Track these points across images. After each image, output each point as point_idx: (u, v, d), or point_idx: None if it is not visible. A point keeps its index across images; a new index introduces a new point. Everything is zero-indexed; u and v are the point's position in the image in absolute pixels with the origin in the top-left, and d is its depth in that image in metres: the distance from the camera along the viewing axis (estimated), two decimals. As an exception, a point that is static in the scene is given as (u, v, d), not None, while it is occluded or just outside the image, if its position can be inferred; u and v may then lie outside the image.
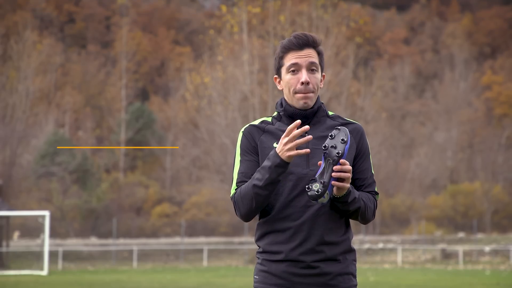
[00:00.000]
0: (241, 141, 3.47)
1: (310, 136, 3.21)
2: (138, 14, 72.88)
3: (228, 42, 42.48)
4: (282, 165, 3.24)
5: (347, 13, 44.26)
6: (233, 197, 3.40)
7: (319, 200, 3.20)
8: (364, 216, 3.42)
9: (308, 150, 3.21)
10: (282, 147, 3.22)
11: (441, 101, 61.87)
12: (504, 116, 63.44)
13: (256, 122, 3.51)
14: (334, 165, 3.19)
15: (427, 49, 72.72)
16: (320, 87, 3.47)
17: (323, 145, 3.22)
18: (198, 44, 61.06)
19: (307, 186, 3.19)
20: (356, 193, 3.35)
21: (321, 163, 3.23)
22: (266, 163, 3.27)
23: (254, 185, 3.29)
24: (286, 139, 3.21)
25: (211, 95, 42.30)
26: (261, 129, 3.47)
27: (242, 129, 3.49)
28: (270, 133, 3.45)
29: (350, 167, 3.21)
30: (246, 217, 3.40)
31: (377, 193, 3.52)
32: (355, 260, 3.47)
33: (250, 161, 3.43)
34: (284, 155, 3.22)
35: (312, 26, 40.52)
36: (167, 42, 72.69)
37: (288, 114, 3.45)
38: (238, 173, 3.43)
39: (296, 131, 3.19)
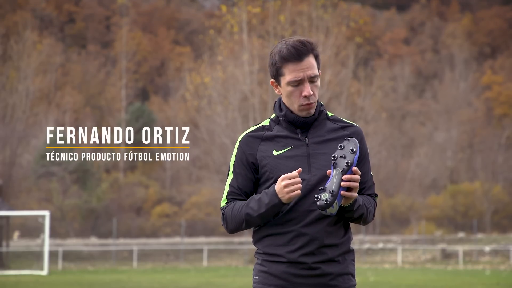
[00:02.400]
0: (237, 151, 3.45)
1: (299, 180, 3.24)
2: (138, 14, 72.83)
3: (228, 42, 42.46)
4: (279, 205, 3.26)
5: (347, 13, 44.20)
6: (223, 210, 3.43)
7: (328, 210, 3.20)
8: (366, 219, 3.46)
9: (300, 188, 3.24)
10: (283, 189, 3.23)
11: (441, 101, 61.83)
12: (504, 116, 63.39)
13: (254, 129, 3.48)
14: (343, 174, 3.21)
15: (427, 49, 72.65)
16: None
17: (332, 155, 3.24)
18: (198, 44, 61.02)
19: (315, 196, 3.20)
20: (360, 200, 3.37)
21: (330, 172, 3.24)
22: (265, 198, 3.28)
23: (247, 213, 3.31)
24: (287, 181, 3.22)
25: (211, 95, 42.29)
26: (259, 137, 3.44)
27: (240, 138, 3.47)
28: (269, 140, 3.43)
29: (359, 177, 3.23)
30: (233, 233, 3.44)
31: (376, 195, 3.54)
32: (353, 260, 3.49)
33: (242, 176, 3.42)
34: (285, 197, 3.23)
35: (312, 26, 40.50)
36: (167, 42, 72.64)
37: (289, 120, 3.43)
38: (230, 185, 3.44)
39: (299, 179, 3.21)
